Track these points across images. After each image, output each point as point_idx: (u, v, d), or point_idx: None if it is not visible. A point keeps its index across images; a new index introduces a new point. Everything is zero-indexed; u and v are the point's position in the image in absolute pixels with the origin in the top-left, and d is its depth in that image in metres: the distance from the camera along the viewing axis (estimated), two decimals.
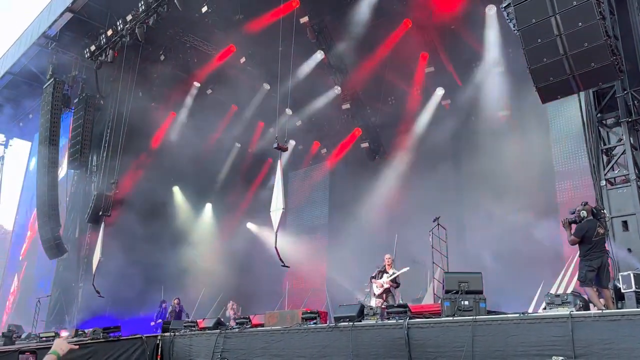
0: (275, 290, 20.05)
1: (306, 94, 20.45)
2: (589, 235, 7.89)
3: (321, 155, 24.12)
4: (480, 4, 16.66)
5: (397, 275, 11.69)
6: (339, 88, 20.12)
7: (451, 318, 7.64)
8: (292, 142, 21.57)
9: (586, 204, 8.18)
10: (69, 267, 19.63)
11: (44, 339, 12.49)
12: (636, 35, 10.21)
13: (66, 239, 19.63)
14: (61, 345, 2.53)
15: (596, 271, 7.76)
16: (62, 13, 18.67)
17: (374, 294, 11.93)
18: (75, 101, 20.61)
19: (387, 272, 11.78)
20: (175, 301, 16.34)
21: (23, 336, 13.56)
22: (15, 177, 31.01)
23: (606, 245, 8.11)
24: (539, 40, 8.70)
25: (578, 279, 8.06)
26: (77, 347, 2.65)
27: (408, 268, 11.86)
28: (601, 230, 7.94)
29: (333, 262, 21.50)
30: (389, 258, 11.99)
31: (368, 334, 8.42)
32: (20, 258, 27.97)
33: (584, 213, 8.05)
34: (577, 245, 8.10)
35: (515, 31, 9.16)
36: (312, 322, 9.53)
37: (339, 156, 23.15)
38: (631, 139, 9.54)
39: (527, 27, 8.85)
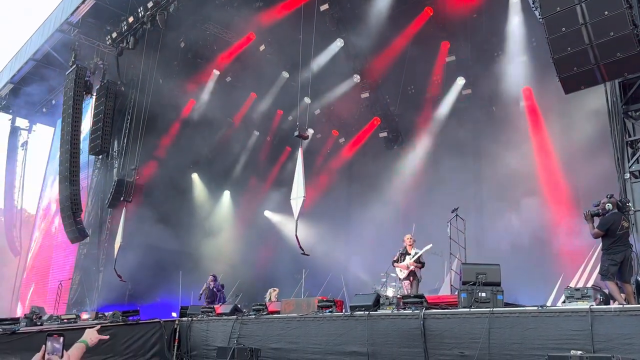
0: (292, 278, 20.17)
1: (325, 83, 20.37)
2: (614, 228, 7.66)
3: (339, 144, 24.07)
4: None
5: (421, 254, 11.20)
6: (358, 77, 20.01)
7: (468, 309, 7.60)
8: (310, 131, 21.54)
9: (612, 196, 7.96)
10: (90, 251, 20.00)
11: (65, 320, 12.78)
12: None
13: (87, 223, 19.96)
14: (91, 335, 2.56)
15: (619, 265, 7.58)
16: (85, 0, 18.83)
17: (399, 278, 11.50)
18: (96, 87, 20.83)
19: (409, 254, 11.28)
20: (210, 279, 15.45)
21: (45, 318, 13.88)
22: (38, 162, 31.55)
23: (630, 239, 7.93)
24: (564, 29, 8.51)
25: (599, 273, 7.86)
26: (107, 337, 2.66)
27: (431, 245, 11.29)
28: (625, 224, 7.74)
29: (350, 251, 21.53)
30: (410, 238, 11.39)
31: (383, 324, 8.43)
32: (41, 241, 28.54)
33: (609, 205, 7.83)
34: (599, 238, 7.93)
35: (540, 19, 8.97)
36: (328, 311, 9.57)
37: (357, 145, 23.07)
38: None
39: (552, 15, 8.66)
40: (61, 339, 2.27)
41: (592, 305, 6.61)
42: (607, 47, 8.14)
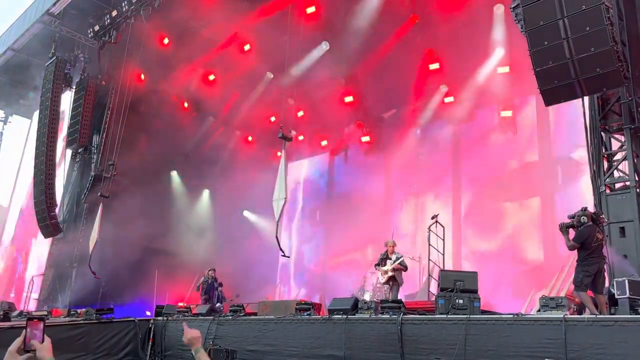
0: (270, 279, 20.12)
1: (309, 85, 20.36)
2: (589, 241, 7.90)
3: (322, 147, 24.10)
4: (487, 3, 16.58)
5: (402, 259, 11.46)
6: (343, 80, 20.04)
7: (445, 316, 7.69)
8: (293, 133, 21.52)
9: (586, 209, 8.21)
10: (64, 246, 19.60)
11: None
12: None
13: (62, 219, 19.59)
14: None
15: (592, 277, 7.78)
16: None
17: (381, 282, 11.73)
18: (76, 81, 20.49)
19: (389, 258, 11.49)
20: (211, 273, 14.96)
21: (14, 314, 13.57)
22: (13, 154, 30.88)
23: (603, 250, 8.14)
24: (546, 43, 8.66)
25: (573, 283, 8.08)
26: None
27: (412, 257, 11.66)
28: (600, 236, 7.96)
29: (329, 254, 21.56)
30: (391, 245, 11.66)
31: (361, 328, 8.47)
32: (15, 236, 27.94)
33: (584, 218, 8.06)
34: (575, 250, 8.11)
35: (523, 32, 9.12)
36: (306, 313, 9.57)
37: (339, 148, 23.13)
38: (633, 145, 9.55)
39: (535, 29, 8.80)
40: (41, 324, 2.26)
41: (565, 315, 6.74)
42: (588, 62, 8.31)
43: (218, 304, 14.31)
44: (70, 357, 10.36)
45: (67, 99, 20.71)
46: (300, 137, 23.93)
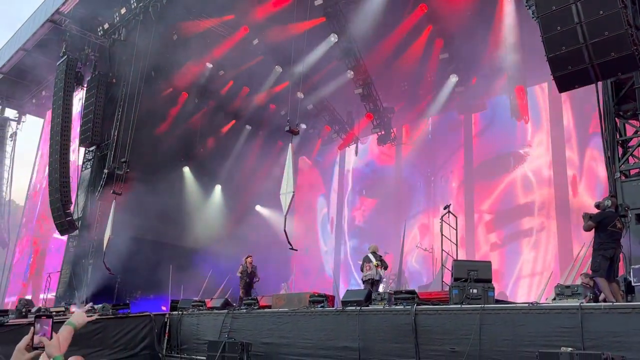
0: (283, 272, 20.17)
1: (318, 78, 20.31)
2: (606, 222, 7.78)
3: (332, 140, 24.05)
4: None
5: (382, 260, 12.22)
6: (352, 72, 19.95)
7: (459, 306, 7.63)
8: (302, 126, 21.50)
9: (613, 196, 8.13)
10: (80, 243, 19.81)
11: (54, 313, 12.68)
12: None
13: (77, 216, 19.78)
14: (79, 317, 2.48)
15: (609, 262, 7.67)
16: None
17: (362, 280, 12.29)
18: (87, 79, 20.61)
19: (371, 260, 12.10)
20: (249, 260, 14.55)
21: (33, 310, 13.76)
22: (27, 153, 31.25)
23: (621, 241, 8.04)
24: (559, 28, 8.51)
25: (591, 269, 7.96)
26: (94, 318, 2.59)
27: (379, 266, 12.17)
28: (619, 225, 7.85)
29: (342, 246, 21.57)
30: (372, 256, 12.28)
31: (375, 319, 8.45)
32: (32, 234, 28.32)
33: (608, 202, 8.01)
34: (591, 231, 7.99)
35: (535, 18, 8.99)
36: (319, 306, 9.57)
37: (349, 141, 23.07)
38: None
39: (547, 14, 8.65)
40: (49, 320, 2.25)
41: (582, 303, 6.67)
42: (602, 47, 8.15)
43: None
44: (88, 352, 10.48)
45: (79, 98, 20.89)
46: (310, 131, 23.96)
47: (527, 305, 7.10)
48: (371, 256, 12.16)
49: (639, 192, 9.17)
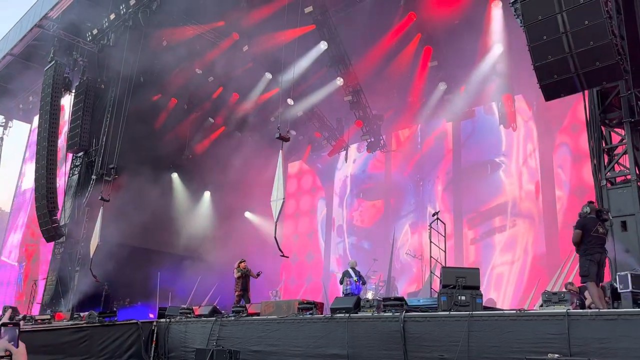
0: (272, 280, 20.09)
1: (308, 85, 20.35)
2: (588, 228, 7.92)
3: (322, 146, 24.07)
4: (485, 0, 16.55)
5: (356, 280, 13.03)
6: (342, 80, 20.02)
7: (447, 313, 7.66)
8: (292, 133, 21.49)
9: (591, 202, 8.25)
10: (66, 250, 19.61)
11: (39, 321, 12.52)
12: None
13: (64, 222, 19.59)
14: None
15: (596, 265, 7.75)
16: None
17: (343, 293, 12.95)
18: (75, 84, 20.49)
19: (350, 276, 12.93)
20: (242, 265, 13.98)
21: (19, 318, 13.58)
22: (14, 159, 30.94)
23: (605, 246, 8.12)
24: (545, 38, 8.63)
25: (580, 274, 8.02)
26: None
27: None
28: (601, 229, 7.95)
29: (331, 253, 21.54)
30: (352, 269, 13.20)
31: (364, 326, 8.44)
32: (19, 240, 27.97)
33: (586, 209, 8.16)
34: (578, 239, 8.08)
35: (522, 27, 9.09)
36: (308, 313, 9.54)
37: (339, 147, 23.10)
38: (633, 139, 9.51)
39: (533, 24, 8.77)
40: (16, 329, 2.24)
41: (568, 309, 6.71)
42: (587, 56, 8.27)
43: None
44: None
45: (67, 103, 20.73)
46: (300, 137, 23.97)
47: (514, 311, 7.14)
48: (351, 271, 13.01)
49: (625, 200, 9.29)
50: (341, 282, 13.27)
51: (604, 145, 9.88)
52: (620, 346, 5.88)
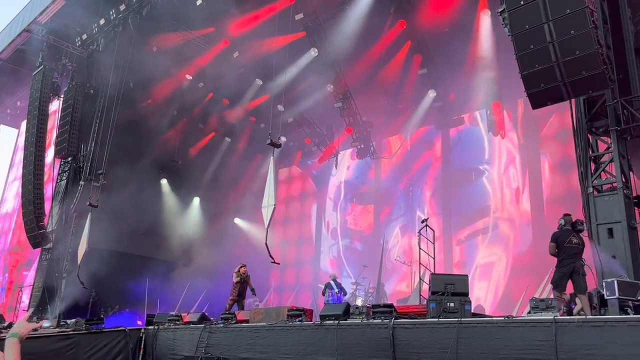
0: (261, 286, 19.98)
1: (298, 91, 20.38)
2: (562, 240, 8.45)
3: (312, 153, 24.10)
4: (475, 9, 16.71)
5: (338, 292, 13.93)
6: (332, 86, 20.09)
7: (436, 319, 7.68)
8: (282, 139, 21.50)
9: (567, 215, 8.70)
10: (53, 257, 19.40)
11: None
12: (628, 45, 10.32)
13: (51, 228, 19.39)
14: (22, 326, 2.29)
15: (567, 276, 8.15)
16: (55, 0, 18.43)
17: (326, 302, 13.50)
18: (64, 89, 20.35)
19: (332, 287, 13.82)
20: (242, 270, 13.76)
21: (5, 325, 13.41)
22: (0, 164, 30.61)
23: (582, 255, 8.51)
24: (532, 47, 8.75)
25: (551, 283, 8.63)
26: (39, 325, 2.46)
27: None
28: (575, 240, 8.43)
29: (321, 260, 21.52)
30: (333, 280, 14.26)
31: (353, 333, 8.44)
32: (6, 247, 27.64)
33: (561, 221, 8.73)
34: (554, 250, 8.64)
35: (509, 36, 9.20)
36: (297, 320, 9.52)
37: (329, 154, 23.14)
38: (619, 147, 9.64)
39: (521, 33, 8.89)
40: None
41: (556, 316, 6.77)
42: (573, 65, 8.40)
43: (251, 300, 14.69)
44: None
45: (55, 108, 20.60)
46: (291, 144, 23.99)
47: (502, 318, 7.18)
48: (332, 283, 13.84)
49: (611, 207, 9.41)
50: (323, 294, 14.13)
51: (590, 153, 10.00)
52: (606, 353, 5.94)
